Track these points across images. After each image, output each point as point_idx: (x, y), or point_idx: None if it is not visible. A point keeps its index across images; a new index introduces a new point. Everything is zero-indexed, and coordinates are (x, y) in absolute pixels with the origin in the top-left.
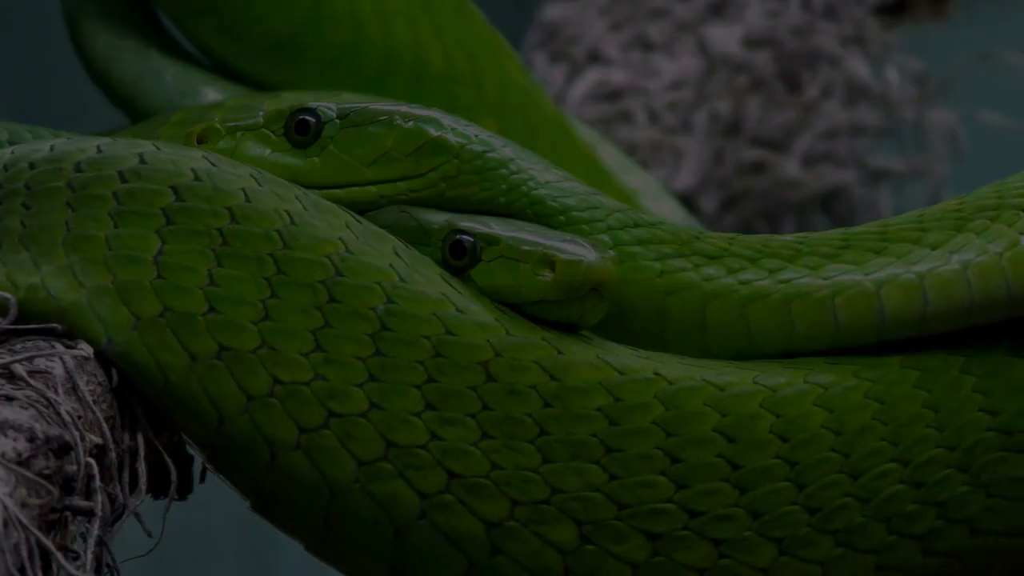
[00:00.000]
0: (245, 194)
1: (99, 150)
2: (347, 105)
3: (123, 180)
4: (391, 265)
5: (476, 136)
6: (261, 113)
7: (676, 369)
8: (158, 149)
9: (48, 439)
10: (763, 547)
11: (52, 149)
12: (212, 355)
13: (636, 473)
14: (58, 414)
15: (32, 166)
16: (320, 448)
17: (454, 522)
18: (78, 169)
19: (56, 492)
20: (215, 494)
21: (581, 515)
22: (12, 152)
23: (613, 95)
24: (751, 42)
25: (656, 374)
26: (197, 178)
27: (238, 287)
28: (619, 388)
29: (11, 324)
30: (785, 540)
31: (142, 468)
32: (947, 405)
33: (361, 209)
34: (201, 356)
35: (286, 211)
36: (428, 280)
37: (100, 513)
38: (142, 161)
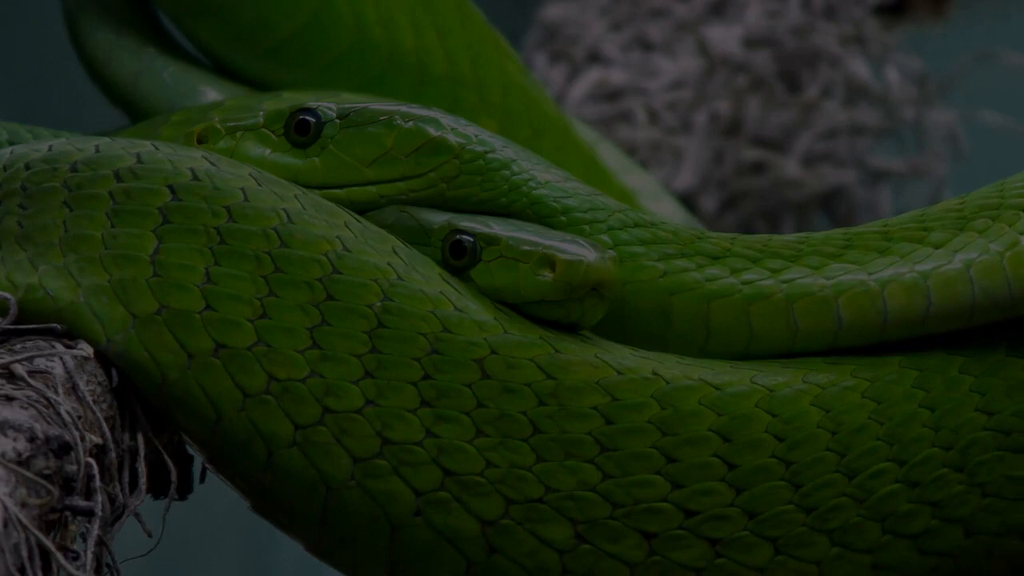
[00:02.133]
0: (244, 193)
1: (97, 150)
2: (347, 105)
3: (119, 179)
4: (389, 263)
5: (476, 136)
6: (261, 113)
7: (674, 369)
8: (156, 148)
9: (48, 439)
10: (759, 546)
11: (50, 149)
12: (209, 352)
13: (632, 472)
14: (58, 414)
15: (28, 166)
16: (315, 445)
17: (450, 520)
18: (74, 169)
19: (56, 492)
20: (215, 494)
21: (576, 514)
22: (11, 152)
23: (613, 95)
24: (751, 42)
25: (655, 373)
26: (195, 177)
27: (235, 285)
28: (616, 387)
29: (11, 324)
30: (780, 540)
31: (142, 468)
32: (944, 405)
33: (361, 209)
34: (198, 354)
35: (283, 209)
36: (427, 279)
37: (100, 513)
38: (139, 161)
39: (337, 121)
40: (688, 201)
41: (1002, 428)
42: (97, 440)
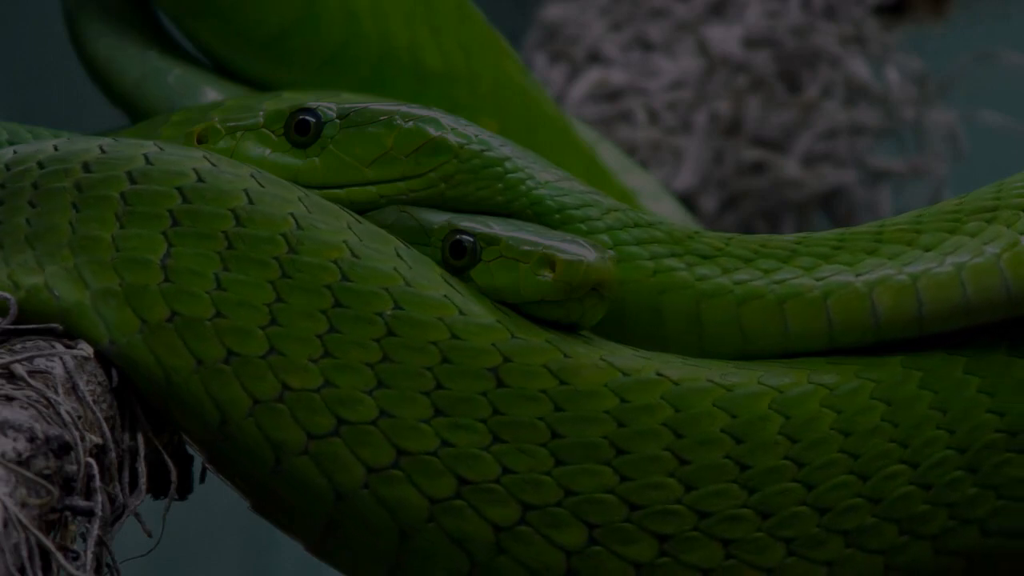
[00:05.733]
0: (248, 195)
1: (103, 150)
2: (347, 105)
3: (132, 182)
4: (395, 268)
5: (476, 136)
6: (261, 113)
7: (680, 370)
8: (161, 149)
9: (48, 439)
10: (772, 547)
11: (56, 149)
12: (219, 360)
13: (645, 475)
14: (58, 414)
15: (40, 165)
16: (329, 455)
17: (463, 525)
18: (86, 170)
19: (56, 492)
20: (215, 494)
21: (594, 517)
22: (15, 151)
23: (613, 95)
24: (751, 42)
25: (659, 374)
26: (200, 179)
27: (245, 291)
28: (626, 390)
29: (11, 324)
30: (794, 541)
31: (142, 468)
32: (955, 406)
33: (361, 209)
34: (208, 360)
35: (291, 214)
36: (431, 282)
37: (100, 513)
38: (148, 162)
39: (337, 121)
40: (688, 201)
41: (1011, 429)
42: (97, 440)
